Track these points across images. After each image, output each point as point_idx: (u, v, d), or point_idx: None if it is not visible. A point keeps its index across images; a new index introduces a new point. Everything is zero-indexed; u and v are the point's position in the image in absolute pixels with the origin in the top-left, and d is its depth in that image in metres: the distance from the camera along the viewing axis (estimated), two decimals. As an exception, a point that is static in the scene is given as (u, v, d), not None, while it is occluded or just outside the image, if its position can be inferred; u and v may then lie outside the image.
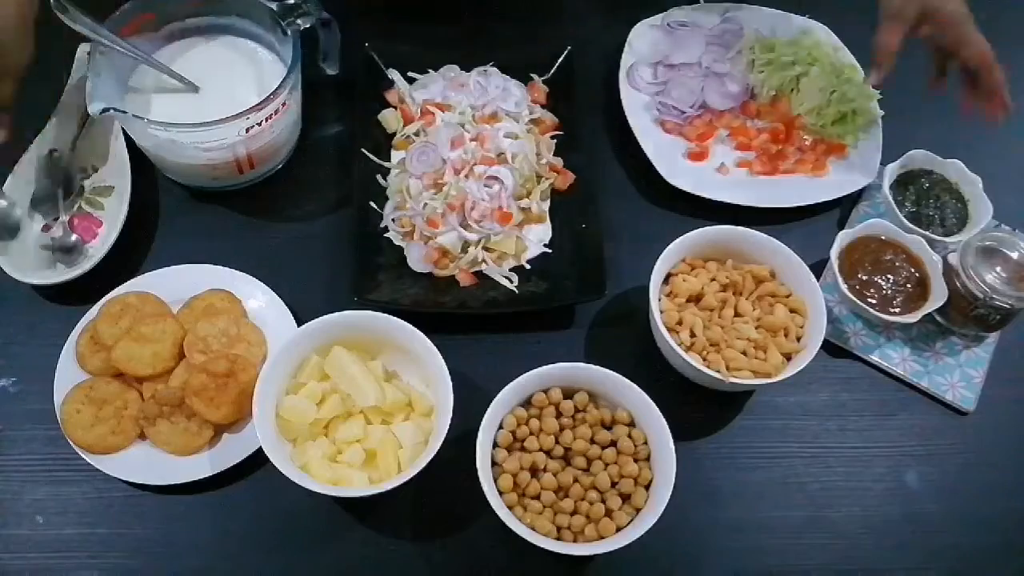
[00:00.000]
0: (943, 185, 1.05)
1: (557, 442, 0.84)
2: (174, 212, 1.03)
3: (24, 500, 0.86)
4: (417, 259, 0.99)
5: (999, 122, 0.99)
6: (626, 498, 0.82)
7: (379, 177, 1.04)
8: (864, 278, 0.98)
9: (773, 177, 1.08)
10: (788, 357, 0.90)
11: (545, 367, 0.85)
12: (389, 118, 1.08)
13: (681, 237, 0.93)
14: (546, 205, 1.04)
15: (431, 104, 1.07)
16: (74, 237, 0.97)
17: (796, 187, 1.07)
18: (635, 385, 0.84)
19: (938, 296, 0.94)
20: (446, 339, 0.86)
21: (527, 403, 0.87)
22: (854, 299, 0.95)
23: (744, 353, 0.89)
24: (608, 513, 0.81)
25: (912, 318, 0.94)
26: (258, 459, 0.84)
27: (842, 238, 0.99)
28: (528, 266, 1.00)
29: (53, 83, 1.04)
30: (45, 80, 1.04)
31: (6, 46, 0.84)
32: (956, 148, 1.14)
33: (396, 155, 1.06)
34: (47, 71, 1.04)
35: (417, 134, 1.06)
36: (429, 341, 0.85)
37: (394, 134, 1.07)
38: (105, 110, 0.88)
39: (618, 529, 0.80)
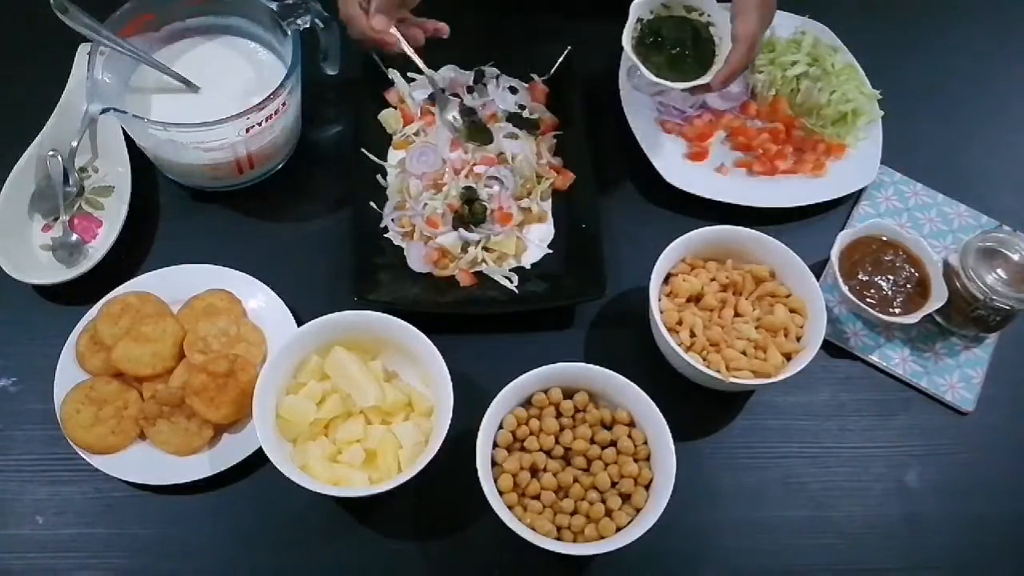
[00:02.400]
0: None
1: (557, 442, 0.84)
2: (174, 212, 1.03)
3: (24, 500, 0.86)
4: (417, 259, 0.99)
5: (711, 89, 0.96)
6: (626, 498, 0.82)
7: (379, 177, 1.04)
8: (864, 278, 0.97)
9: (773, 177, 1.08)
10: (788, 357, 0.90)
11: (545, 367, 0.85)
12: (389, 118, 1.08)
13: (681, 237, 0.93)
14: (547, 205, 1.03)
15: (431, 104, 1.07)
16: (74, 237, 0.97)
17: (796, 187, 1.07)
18: (635, 385, 0.84)
19: (938, 297, 0.94)
20: (446, 339, 0.86)
21: (527, 403, 0.87)
22: (854, 299, 0.95)
23: (744, 353, 0.89)
24: (608, 513, 0.81)
25: (912, 319, 0.94)
26: (258, 459, 0.84)
27: (842, 238, 0.99)
28: (528, 266, 1.00)
29: (53, 83, 1.04)
30: (45, 80, 1.04)
31: None
32: (955, 147, 1.14)
33: (396, 155, 1.06)
34: (47, 71, 1.05)
35: (417, 134, 1.06)
36: (429, 341, 0.85)
37: (394, 134, 1.07)
38: (105, 110, 0.88)
39: (618, 529, 0.80)
